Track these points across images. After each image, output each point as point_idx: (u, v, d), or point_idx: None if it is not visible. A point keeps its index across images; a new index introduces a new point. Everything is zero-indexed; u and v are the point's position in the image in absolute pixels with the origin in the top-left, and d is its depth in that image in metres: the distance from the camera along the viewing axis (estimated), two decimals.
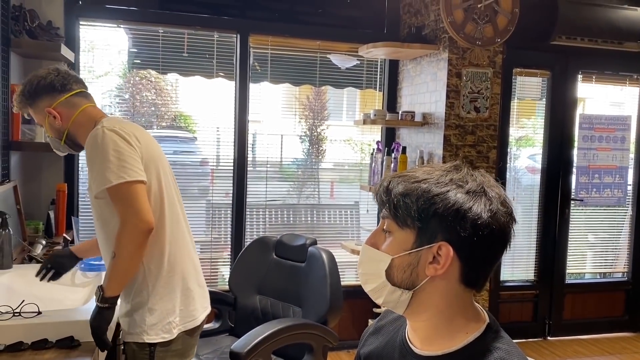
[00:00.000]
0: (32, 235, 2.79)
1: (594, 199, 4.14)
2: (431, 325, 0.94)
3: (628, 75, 4.22)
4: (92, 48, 3.35)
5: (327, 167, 3.99)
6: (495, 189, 0.92)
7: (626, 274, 4.35)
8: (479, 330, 0.93)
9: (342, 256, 3.71)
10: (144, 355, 1.68)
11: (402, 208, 0.89)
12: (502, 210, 0.90)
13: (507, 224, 0.91)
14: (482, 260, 0.91)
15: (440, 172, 0.92)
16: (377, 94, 3.93)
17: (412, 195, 0.89)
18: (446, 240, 0.88)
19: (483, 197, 0.89)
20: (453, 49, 3.26)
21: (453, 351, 0.91)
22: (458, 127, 3.32)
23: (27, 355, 1.50)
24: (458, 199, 0.88)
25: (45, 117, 1.74)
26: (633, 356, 3.86)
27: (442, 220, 0.87)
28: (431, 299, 0.92)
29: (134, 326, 1.69)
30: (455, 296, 0.92)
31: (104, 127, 1.62)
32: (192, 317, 1.78)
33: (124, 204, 1.57)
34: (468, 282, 0.91)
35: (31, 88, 1.73)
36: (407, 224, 0.90)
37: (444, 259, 0.88)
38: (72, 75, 1.78)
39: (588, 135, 4.09)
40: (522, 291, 4.07)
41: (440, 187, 0.89)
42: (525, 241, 4.12)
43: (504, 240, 0.91)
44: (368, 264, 0.96)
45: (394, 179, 0.93)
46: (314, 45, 3.68)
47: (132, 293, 1.69)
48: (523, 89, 4.03)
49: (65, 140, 1.76)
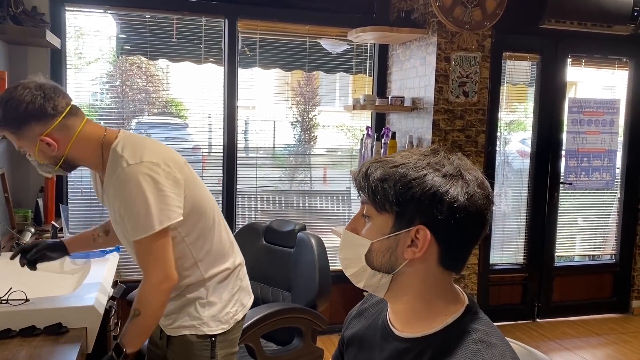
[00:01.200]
0: (21, 223, 2.78)
1: (583, 183, 4.17)
2: (411, 307, 0.96)
3: (617, 59, 4.23)
4: (81, 34, 3.32)
5: (320, 153, 3.99)
6: (473, 172, 0.93)
7: (614, 257, 4.40)
8: (458, 312, 0.94)
9: (334, 242, 3.73)
10: (205, 347, 1.67)
11: (380, 193, 0.90)
12: (480, 192, 0.91)
13: (485, 206, 0.91)
14: (460, 242, 0.92)
15: (417, 157, 0.93)
16: (368, 79, 3.92)
17: (390, 180, 0.90)
18: (424, 223, 0.89)
19: (460, 180, 0.90)
20: (442, 33, 3.25)
21: (432, 333, 0.93)
22: (447, 111, 3.32)
23: (16, 342, 1.51)
24: (435, 182, 0.88)
25: (35, 145, 1.53)
26: (620, 337, 3.92)
27: (420, 204, 0.88)
28: (410, 282, 0.93)
29: (190, 319, 1.66)
30: (435, 278, 0.93)
31: (130, 164, 1.50)
32: (243, 305, 1.79)
33: (150, 257, 1.51)
34: (447, 265, 0.93)
35: (16, 115, 1.48)
36: (385, 208, 0.91)
37: (421, 242, 0.89)
38: (56, 89, 1.56)
39: (577, 119, 4.10)
40: (512, 274, 4.11)
41: (418, 172, 0.89)
42: (515, 224, 4.15)
43: (481, 222, 0.92)
44: (348, 249, 0.97)
45: (373, 164, 0.94)
46: (303, 30, 3.66)
47: (185, 290, 1.66)
48: (513, 73, 4.03)
49: (61, 165, 1.59)
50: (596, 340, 3.87)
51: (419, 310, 0.95)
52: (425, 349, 0.92)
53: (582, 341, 3.84)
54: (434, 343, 0.92)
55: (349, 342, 1.11)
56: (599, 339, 3.88)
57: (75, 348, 1.49)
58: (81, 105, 3.40)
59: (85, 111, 3.51)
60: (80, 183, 3.34)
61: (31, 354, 1.43)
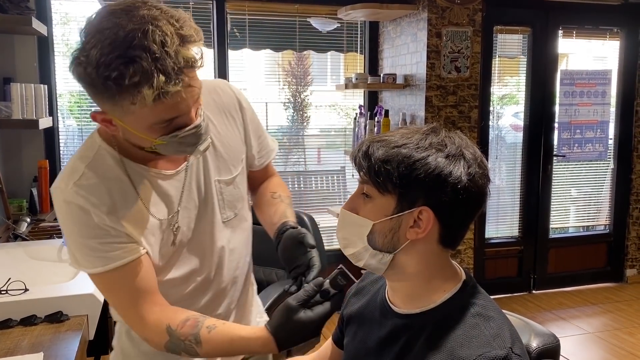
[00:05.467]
0: (16, 213, 2.78)
1: (576, 154, 4.19)
2: (410, 285, 0.96)
3: (608, 29, 4.21)
4: (67, 21, 3.28)
5: (313, 133, 3.99)
6: (472, 150, 0.92)
7: (608, 227, 4.44)
8: (456, 288, 0.95)
9: (329, 221, 3.75)
10: None
11: (383, 174, 0.89)
12: (479, 172, 0.91)
13: (484, 185, 0.92)
14: (461, 221, 0.93)
15: (419, 136, 0.92)
16: (359, 57, 3.89)
17: (393, 162, 0.89)
18: (427, 204, 0.89)
19: (462, 160, 0.90)
20: (432, 8, 3.23)
21: (431, 309, 0.94)
22: (439, 87, 3.31)
23: (17, 332, 1.51)
24: (439, 163, 0.88)
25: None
26: (615, 305, 3.98)
27: (423, 185, 0.88)
28: (410, 260, 0.94)
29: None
30: (434, 256, 0.94)
31: None
32: None
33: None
34: (446, 243, 0.94)
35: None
36: (387, 189, 0.90)
37: (425, 223, 0.90)
38: None
39: (569, 91, 4.10)
40: (507, 247, 4.15)
41: (421, 152, 0.89)
42: (510, 198, 4.18)
43: (481, 201, 0.93)
44: (348, 228, 0.97)
45: (373, 143, 0.92)
46: (292, 9, 3.62)
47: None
48: (504, 46, 4.01)
49: None
50: (592, 310, 3.92)
51: (417, 287, 0.96)
52: (424, 325, 0.93)
53: (577, 311, 3.89)
54: (433, 319, 0.93)
55: (348, 320, 1.12)
56: (594, 308, 3.94)
57: (77, 335, 1.50)
58: (71, 92, 3.37)
59: (75, 98, 3.51)
60: None
61: (33, 343, 1.44)
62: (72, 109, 3.43)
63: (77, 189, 1.07)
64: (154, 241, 1.14)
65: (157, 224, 1.14)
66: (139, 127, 1.01)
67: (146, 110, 0.96)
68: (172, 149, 1.06)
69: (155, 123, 0.99)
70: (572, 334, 3.53)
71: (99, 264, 1.07)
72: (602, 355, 3.27)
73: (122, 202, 1.10)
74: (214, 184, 1.22)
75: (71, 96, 3.38)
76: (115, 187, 1.10)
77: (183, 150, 1.07)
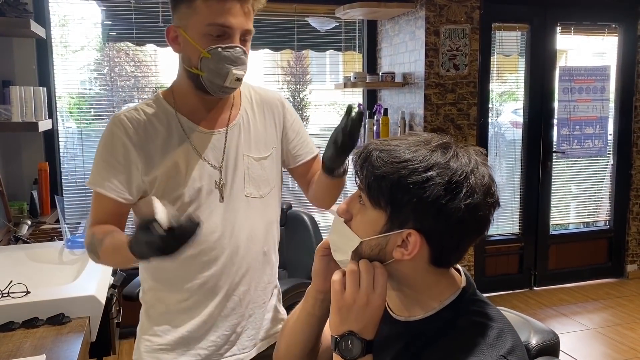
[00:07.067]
0: (17, 216, 2.78)
1: (576, 151, 4.19)
2: (403, 294, 0.95)
3: (606, 25, 4.21)
4: (66, 22, 3.28)
5: (313, 132, 3.99)
6: (480, 175, 0.86)
7: (608, 222, 4.45)
8: (454, 295, 0.92)
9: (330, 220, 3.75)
10: None
11: (375, 189, 0.87)
12: (483, 201, 0.85)
13: (487, 215, 0.87)
14: (455, 246, 0.88)
15: (425, 151, 0.86)
16: (358, 56, 3.89)
17: (388, 180, 0.85)
18: (417, 228, 0.85)
19: (464, 188, 0.84)
20: (430, 6, 3.23)
21: (428, 316, 0.92)
22: (438, 85, 3.31)
23: (20, 334, 1.52)
24: (435, 192, 0.83)
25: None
26: (616, 300, 3.98)
27: (416, 209, 0.84)
28: (399, 274, 0.91)
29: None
30: (426, 272, 0.91)
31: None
32: None
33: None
34: (438, 264, 0.90)
35: None
36: (380, 205, 0.87)
37: (411, 246, 0.86)
38: None
39: (568, 88, 4.10)
40: (508, 244, 4.15)
41: (420, 174, 0.84)
42: (510, 195, 4.18)
43: (480, 230, 0.88)
44: (338, 236, 0.95)
45: (374, 151, 0.88)
46: (290, 9, 3.62)
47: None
48: (503, 44, 4.02)
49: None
50: (593, 305, 3.93)
51: (411, 297, 0.93)
52: (421, 333, 0.91)
53: (579, 307, 3.90)
54: (430, 326, 0.91)
55: None
56: (595, 304, 3.95)
57: (79, 337, 1.50)
58: (70, 94, 3.38)
59: (74, 100, 3.51)
60: (74, 174, 3.33)
61: (36, 345, 1.45)
62: (71, 111, 3.43)
63: (124, 119, 1.29)
64: (198, 183, 1.30)
65: (210, 169, 1.32)
66: (195, 34, 1.23)
67: (202, 10, 1.20)
68: (213, 64, 1.23)
69: (208, 24, 1.21)
70: (574, 329, 3.53)
71: (93, 182, 1.30)
72: (603, 351, 3.27)
73: (166, 141, 1.30)
74: (243, 157, 1.37)
75: (70, 98, 3.39)
76: (161, 128, 1.30)
77: (222, 68, 1.23)
